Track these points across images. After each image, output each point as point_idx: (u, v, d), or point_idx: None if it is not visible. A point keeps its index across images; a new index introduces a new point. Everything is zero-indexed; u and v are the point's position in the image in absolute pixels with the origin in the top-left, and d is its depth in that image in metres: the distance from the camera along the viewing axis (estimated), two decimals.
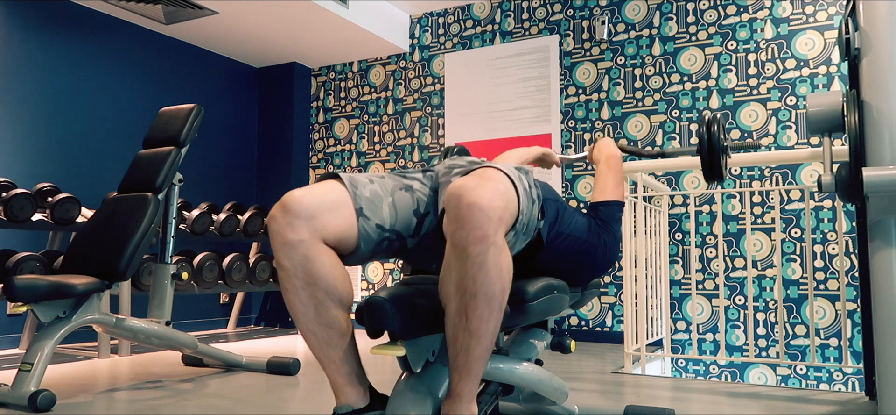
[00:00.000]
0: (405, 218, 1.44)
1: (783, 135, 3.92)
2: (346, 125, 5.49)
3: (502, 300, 1.22)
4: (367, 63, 5.45)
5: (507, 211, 1.25)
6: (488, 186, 1.21)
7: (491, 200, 1.18)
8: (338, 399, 1.34)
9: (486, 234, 1.17)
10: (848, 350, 3.28)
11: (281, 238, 1.28)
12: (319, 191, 1.34)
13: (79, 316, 2.46)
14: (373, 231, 1.37)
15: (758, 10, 4.05)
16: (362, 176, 1.44)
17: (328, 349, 1.32)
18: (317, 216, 1.29)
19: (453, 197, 1.19)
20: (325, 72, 5.65)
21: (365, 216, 1.36)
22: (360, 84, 5.47)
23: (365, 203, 1.37)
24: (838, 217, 2.79)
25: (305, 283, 1.28)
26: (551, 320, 1.66)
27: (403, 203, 1.44)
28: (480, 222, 1.16)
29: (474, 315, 1.19)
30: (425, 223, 1.47)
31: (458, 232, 1.18)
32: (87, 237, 2.70)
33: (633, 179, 3.15)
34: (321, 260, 1.29)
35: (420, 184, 1.51)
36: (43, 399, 2.18)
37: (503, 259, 1.21)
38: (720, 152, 1.79)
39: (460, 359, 1.23)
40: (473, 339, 1.21)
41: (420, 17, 5.24)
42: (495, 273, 1.19)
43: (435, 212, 1.48)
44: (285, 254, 1.28)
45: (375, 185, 1.42)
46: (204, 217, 4.12)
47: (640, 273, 3.08)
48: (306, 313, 1.30)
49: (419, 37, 5.23)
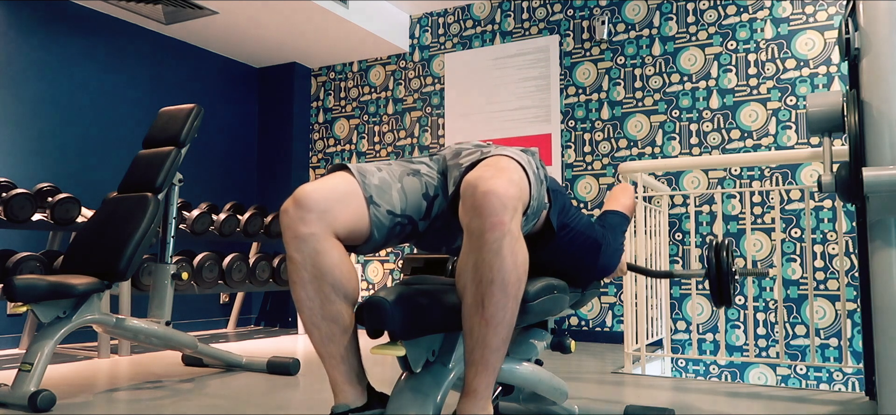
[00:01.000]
0: (415, 202, 1.46)
1: (783, 135, 3.92)
2: (347, 125, 5.49)
3: (519, 289, 1.23)
4: (367, 63, 5.45)
5: (521, 200, 1.27)
6: (504, 176, 1.23)
7: (506, 189, 1.20)
8: (336, 398, 1.34)
9: (502, 221, 1.18)
10: (848, 350, 3.28)
11: (292, 231, 1.29)
12: (330, 183, 1.36)
13: (79, 316, 2.46)
14: (385, 218, 1.39)
15: (758, 10, 4.05)
16: (370, 165, 1.45)
17: (330, 345, 1.32)
18: (328, 210, 1.31)
19: (469, 187, 1.21)
20: (325, 72, 5.65)
21: (376, 204, 1.38)
22: (360, 84, 5.47)
23: (375, 191, 1.39)
24: (838, 217, 2.79)
25: (313, 276, 1.29)
26: (551, 320, 1.66)
27: (412, 188, 1.46)
28: (497, 210, 1.18)
29: (491, 303, 1.20)
30: (435, 206, 1.49)
31: (475, 220, 1.19)
32: (87, 237, 2.70)
33: (633, 179, 3.15)
34: (331, 254, 1.30)
35: (427, 168, 1.53)
36: (43, 399, 2.18)
37: (519, 248, 1.22)
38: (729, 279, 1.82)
39: (477, 352, 1.23)
40: (490, 328, 1.22)
41: (420, 17, 5.24)
42: (511, 260, 1.20)
43: (444, 194, 1.51)
44: (296, 247, 1.29)
45: (383, 172, 1.44)
46: (204, 217, 4.12)
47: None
48: (312, 308, 1.31)
49: (419, 37, 5.23)
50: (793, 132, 3.90)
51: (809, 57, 3.90)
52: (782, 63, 3.96)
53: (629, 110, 4.38)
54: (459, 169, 1.43)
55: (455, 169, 1.47)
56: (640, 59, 4.37)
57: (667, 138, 4.25)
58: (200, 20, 4.63)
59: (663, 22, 4.31)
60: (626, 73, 4.41)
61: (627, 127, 4.37)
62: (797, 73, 3.92)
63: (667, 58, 4.29)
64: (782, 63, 3.96)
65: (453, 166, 1.49)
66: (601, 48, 4.51)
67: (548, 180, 1.48)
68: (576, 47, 4.60)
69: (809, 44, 3.90)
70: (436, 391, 1.30)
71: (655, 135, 4.28)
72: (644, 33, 4.37)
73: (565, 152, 4.55)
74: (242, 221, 4.37)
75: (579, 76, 4.56)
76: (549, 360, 2.56)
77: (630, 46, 4.41)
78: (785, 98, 3.94)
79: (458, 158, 1.50)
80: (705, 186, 4.08)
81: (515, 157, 1.36)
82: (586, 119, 4.51)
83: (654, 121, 4.29)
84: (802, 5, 3.94)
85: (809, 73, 3.89)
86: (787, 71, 3.95)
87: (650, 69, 4.33)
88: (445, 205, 1.50)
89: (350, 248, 1.38)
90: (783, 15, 3.98)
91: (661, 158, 4.22)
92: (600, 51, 4.51)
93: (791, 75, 3.93)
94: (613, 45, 4.47)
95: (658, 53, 4.31)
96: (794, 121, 3.91)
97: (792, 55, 3.94)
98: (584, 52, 4.56)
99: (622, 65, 4.42)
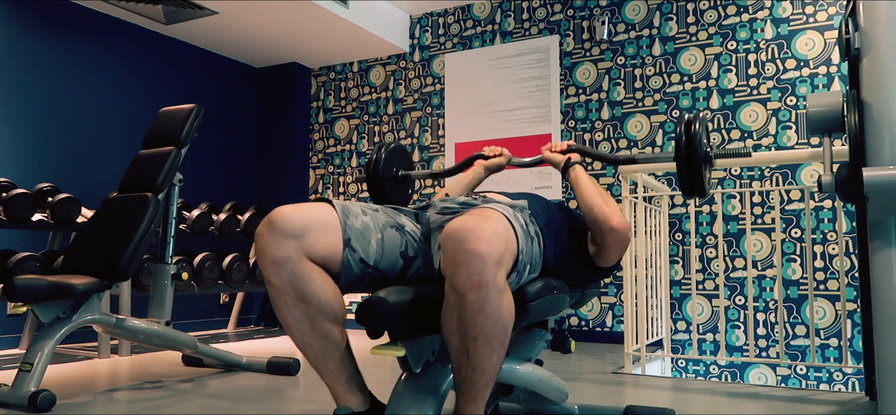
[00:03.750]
0: (391, 258, 1.41)
1: (783, 135, 3.92)
2: (347, 125, 5.49)
3: (504, 339, 1.21)
4: (367, 63, 5.45)
5: (508, 252, 1.23)
6: (487, 227, 1.18)
7: (490, 244, 1.16)
8: (338, 403, 1.34)
9: (485, 280, 1.15)
10: (848, 350, 3.27)
11: (267, 256, 1.27)
12: (309, 209, 1.32)
13: (79, 316, 2.45)
14: (356, 265, 1.35)
15: (758, 11, 4.05)
16: (356, 206, 1.41)
17: (325, 361, 1.32)
18: (304, 235, 1.28)
19: (451, 240, 1.17)
20: (325, 72, 5.65)
21: (351, 248, 1.34)
22: (360, 84, 5.47)
23: (354, 235, 1.35)
24: (838, 217, 2.79)
25: (297, 299, 1.27)
26: (551, 320, 1.66)
27: (392, 242, 1.41)
28: (479, 269, 1.14)
29: (476, 354, 1.19)
30: (412, 266, 1.44)
31: (456, 278, 1.16)
32: (87, 237, 2.70)
33: (633, 179, 3.15)
34: (310, 277, 1.27)
35: (412, 226, 1.48)
36: (43, 399, 2.18)
37: (504, 301, 1.19)
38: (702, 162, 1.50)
39: (465, 386, 1.24)
40: (477, 373, 1.21)
41: (420, 17, 5.24)
42: (496, 315, 1.17)
43: (423, 257, 1.45)
44: (274, 271, 1.26)
45: (368, 218, 1.40)
46: (204, 217, 4.12)
47: (640, 273, 3.08)
48: (301, 329, 1.29)
49: (419, 37, 5.23)
50: (793, 132, 3.90)
51: (809, 57, 3.90)
52: (782, 63, 3.96)
53: (629, 110, 4.37)
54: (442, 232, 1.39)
55: (437, 232, 1.41)
56: (640, 59, 4.37)
57: (667, 138, 4.24)
58: (200, 20, 4.63)
59: (663, 22, 4.31)
60: (626, 74, 4.41)
61: (627, 127, 4.37)
62: (797, 73, 3.92)
63: (667, 58, 4.29)
64: (782, 63, 3.96)
65: (436, 230, 1.44)
66: (601, 48, 4.51)
67: (539, 227, 1.44)
68: (576, 47, 4.60)
69: (809, 44, 3.90)
70: (436, 391, 1.30)
71: (655, 135, 4.28)
72: (644, 33, 4.37)
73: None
74: (242, 221, 4.37)
75: (579, 76, 4.56)
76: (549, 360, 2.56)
77: (630, 47, 4.41)
78: (785, 98, 3.94)
79: (442, 219, 1.45)
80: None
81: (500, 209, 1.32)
82: (586, 119, 4.51)
83: (654, 121, 4.29)
84: (802, 5, 3.94)
85: (809, 74, 3.89)
86: (787, 71, 3.95)
87: (650, 69, 4.33)
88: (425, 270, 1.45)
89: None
90: (783, 15, 3.98)
91: None
92: (600, 51, 4.51)
93: (791, 75, 3.93)
94: (613, 45, 4.46)
95: (658, 54, 4.31)
96: (794, 121, 3.91)
97: (792, 55, 3.94)
98: (585, 52, 4.56)
99: (622, 65, 4.42)
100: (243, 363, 3.03)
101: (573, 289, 1.61)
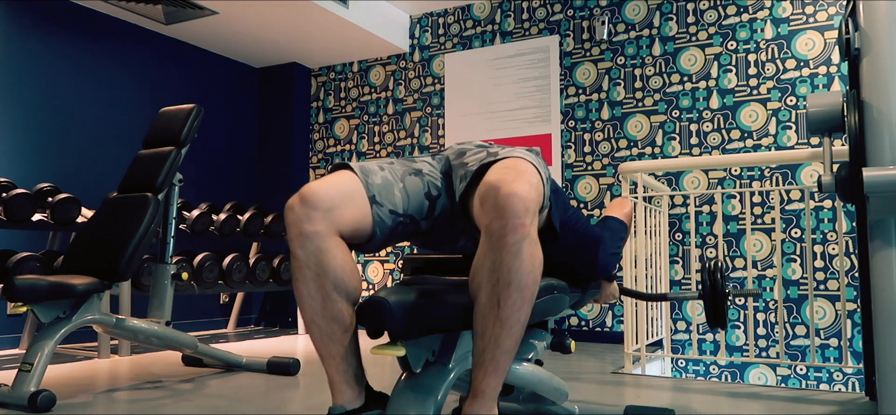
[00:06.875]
0: (417, 201, 1.46)
1: (783, 135, 3.92)
2: (346, 125, 5.49)
3: (533, 292, 1.24)
4: (367, 63, 5.45)
5: (539, 203, 1.28)
6: (524, 179, 1.24)
7: (528, 192, 1.21)
8: (334, 399, 1.34)
9: (524, 223, 1.19)
10: (848, 350, 3.28)
11: (297, 229, 1.30)
12: (335, 182, 1.37)
13: (79, 316, 2.45)
14: (387, 217, 1.40)
15: (758, 11, 4.05)
16: (372, 164, 1.46)
17: (330, 344, 1.32)
18: (334, 208, 1.32)
19: (491, 188, 1.22)
20: (325, 72, 5.65)
21: (378, 203, 1.39)
22: (360, 84, 5.47)
23: (377, 190, 1.40)
24: (838, 217, 2.79)
25: (316, 274, 1.30)
26: (551, 320, 1.66)
27: (414, 187, 1.47)
28: (519, 212, 1.19)
29: (507, 303, 1.20)
30: (437, 205, 1.50)
31: (496, 221, 1.19)
32: (87, 237, 2.70)
33: (633, 180, 3.15)
34: (333, 252, 1.30)
35: (429, 167, 1.54)
36: (43, 399, 2.18)
37: (537, 251, 1.23)
38: (724, 300, 1.86)
39: (488, 353, 1.23)
40: (504, 329, 1.22)
41: (420, 17, 5.24)
42: (529, 263, 1.21)
43: (447, 193, 1.51)
44: (300, 244, 1.30)
45: (386, 172, 1.45)
46: (204, 217, 4.12)
47: (640, 273, 3.08)
48: (313, 306, 1.31)
49: (419, 37, 5.23)
50: (793, 132, 3.90)
51: (809, 57, 3.90)
52: (782, 63, 3.96)
53: (629, 110, 4.38)
54: (465, 168, 1.44)
55: (460, 168, 1.47)
56: (640, 59, 4.37)
57: (667, 138, 4.25)
58: (200, 20, 4.63)
59: (663, 22, 4.31)
60: (626, 74, 4.41)
61: (627, 127, 4.37)
62: (797, 73, 3.92)
63: (667, 58, 4.29)
64: (782, 63, 3.96)
65: (458, 166, 1.50)
66: (601, 48, 4.51)
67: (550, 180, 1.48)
68: (576, 47, 4.60)
69: (809, 44, 3.90)
70: (436, 391, 1.30)
71: (655, 135, 4.28)
72: (644, 33, 4.37)
73: (565, 153, 4.55)
74: (242, 222, 4.37)
75: (579, 76, 4.56)
76: (549, 360, 2.57)
77: (630, 47, 4.41)
78: (785, 98, 3.94)
79: (463, 157, 1.50)
80: (705, 186, 4.08)
81: (530, 159, 1.37)
82: (586, 119, 4.51)
83: (655, 121, 4.29)
84: (802, 5, 3.94)
85: (809, 74, 3.89)
86: (787, 71, 3.95)
87: (650, 69, 4.33)
88: (449, 204, 1.51)
89: (353, 246, 1.39)
90: (783, 15, 3.98)
91: (662, 158, 4.22)
92: (600, 51, 4.51)
93: (791, 75, 3.93)
94: (613, 45, 4.46)
95: (658, 54, 4.31)
96: (794, 121, 3.91)
97: (792, 55, 3.94)
98: (585, 52, 4.56)
99: (622, 65, 4.42)
100: (243, 363, 3.03)
101: (573, 289, 1.61)
